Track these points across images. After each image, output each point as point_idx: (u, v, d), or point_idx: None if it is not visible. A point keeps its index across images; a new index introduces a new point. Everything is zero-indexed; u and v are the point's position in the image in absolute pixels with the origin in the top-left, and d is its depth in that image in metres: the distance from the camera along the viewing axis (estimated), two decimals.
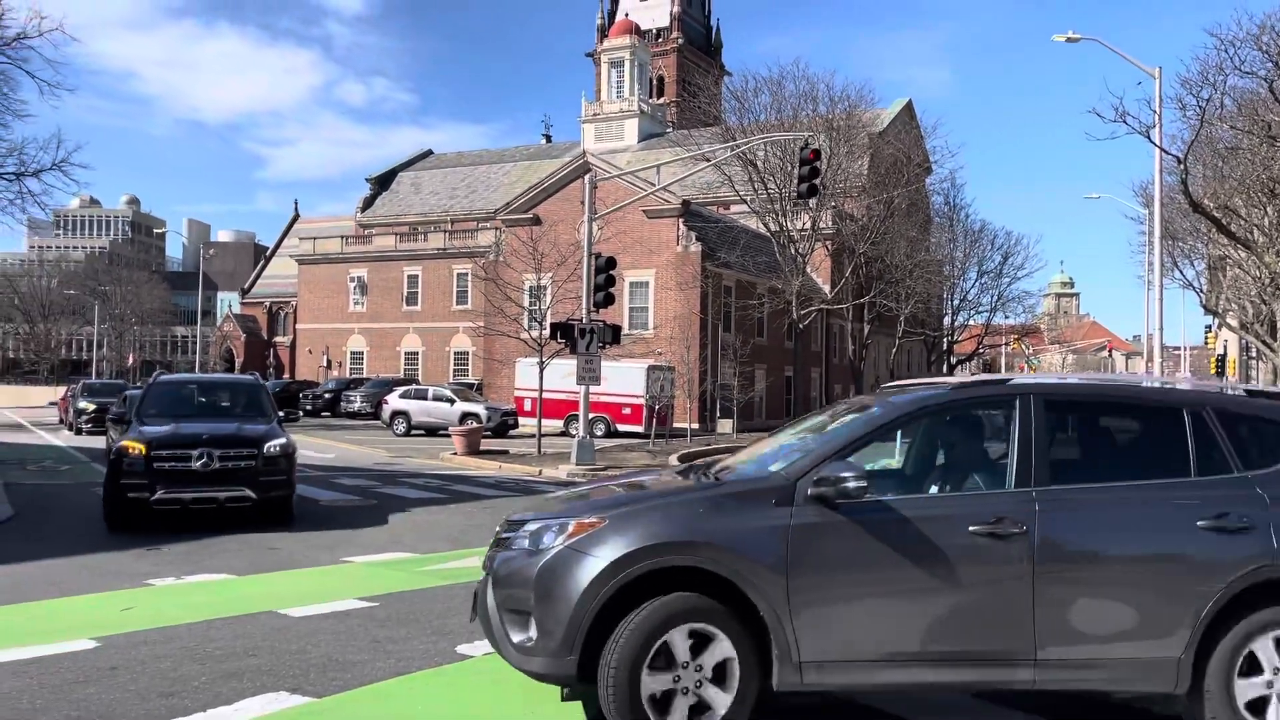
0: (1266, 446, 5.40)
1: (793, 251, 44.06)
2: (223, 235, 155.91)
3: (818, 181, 23.23)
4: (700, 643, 4.89)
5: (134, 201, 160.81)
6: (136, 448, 12.31)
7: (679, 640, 4.84)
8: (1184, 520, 5.08)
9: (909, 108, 63.02)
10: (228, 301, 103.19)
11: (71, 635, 7.22)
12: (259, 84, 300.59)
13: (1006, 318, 72.51)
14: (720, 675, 4.92)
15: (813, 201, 36.45)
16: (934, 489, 5.70)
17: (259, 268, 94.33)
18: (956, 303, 66.54)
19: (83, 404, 33.96)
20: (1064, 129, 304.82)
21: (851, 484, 4.90)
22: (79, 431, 33.14)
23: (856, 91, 46.76)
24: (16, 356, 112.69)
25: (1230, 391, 5.60)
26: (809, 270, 46.28)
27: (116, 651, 6.86)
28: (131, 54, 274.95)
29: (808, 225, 45.68)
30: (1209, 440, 5.30)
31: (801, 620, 4.87)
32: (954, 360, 73.86)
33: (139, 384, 52.73)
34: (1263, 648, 4.98)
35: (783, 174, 42.44)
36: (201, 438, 12.61)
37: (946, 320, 67.12)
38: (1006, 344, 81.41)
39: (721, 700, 4.89)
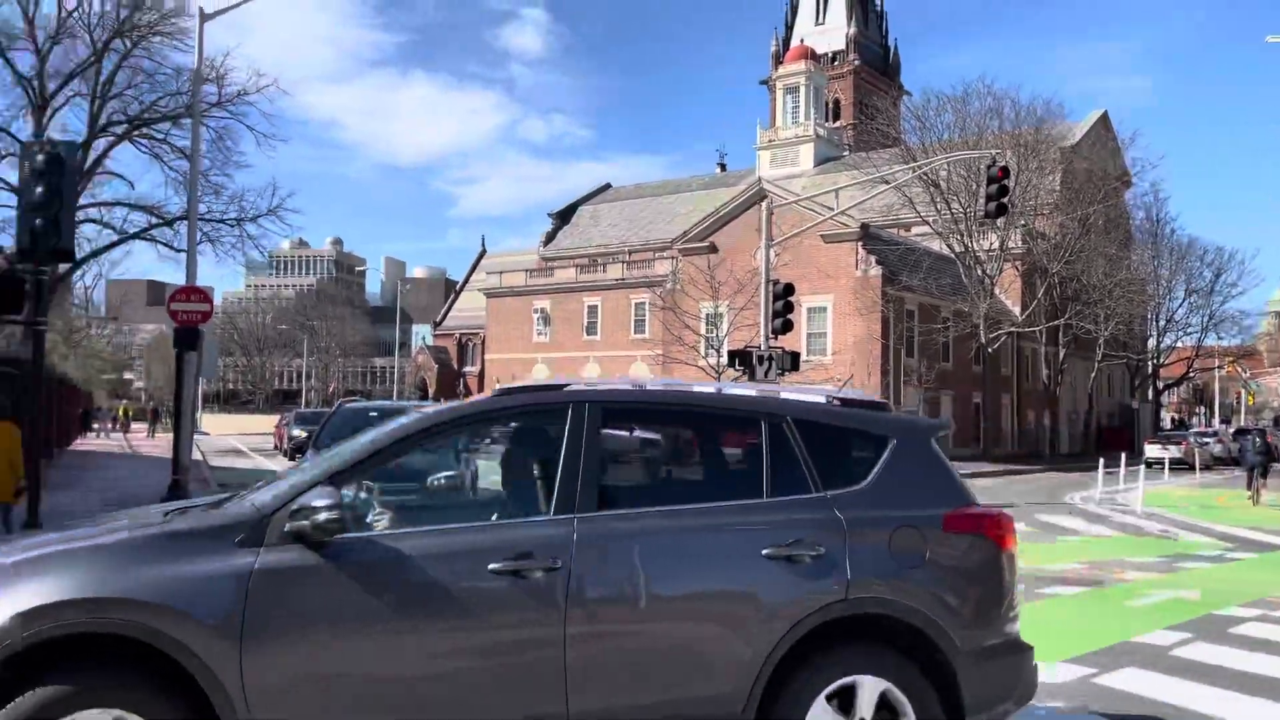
0: (854, 462, 4.57)
1: (980, 273, 42.46)
2: (417, 271, 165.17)
3: (1006, 200, 22.33)
4: None
5: (338, 242, 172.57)
6: None
7: None
8: (748, 549, 4.20)
9: (1104, 119, 59.73)
10: (421, 334, 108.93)
11: None
12: (448, 127, 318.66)
13: (1220, 339, 67.31)
14: None
15: (1001, 220, 35.06)
16: (467, 519, 4.56)
17: (449, 301, 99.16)
18: (1162, 324, 62.24)
19: (295, 431, 36.52)
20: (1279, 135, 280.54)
21: (322, 516, 3.80)
22: (292, 456, 35.64)
23: (1045, 105, 44.90)
24: (235, 387, 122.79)
25: (817, 399, 4.73)
26: (998, 292, 44.45)
27: None
28: (335, 104, 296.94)
29: (995, 245, 43.93)
30: (787, 455, 4.44)
31: (258, 699, 3.71)
32: (1160, 385, 68.98)
33: None
34: (822, 709, 4.10)
35: (967, 193, 41.08)
36: None
37: (1151, 342, 62.83)
38: (1220, 367, 75.33)
39: None
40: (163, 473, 21.82)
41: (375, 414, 15.36)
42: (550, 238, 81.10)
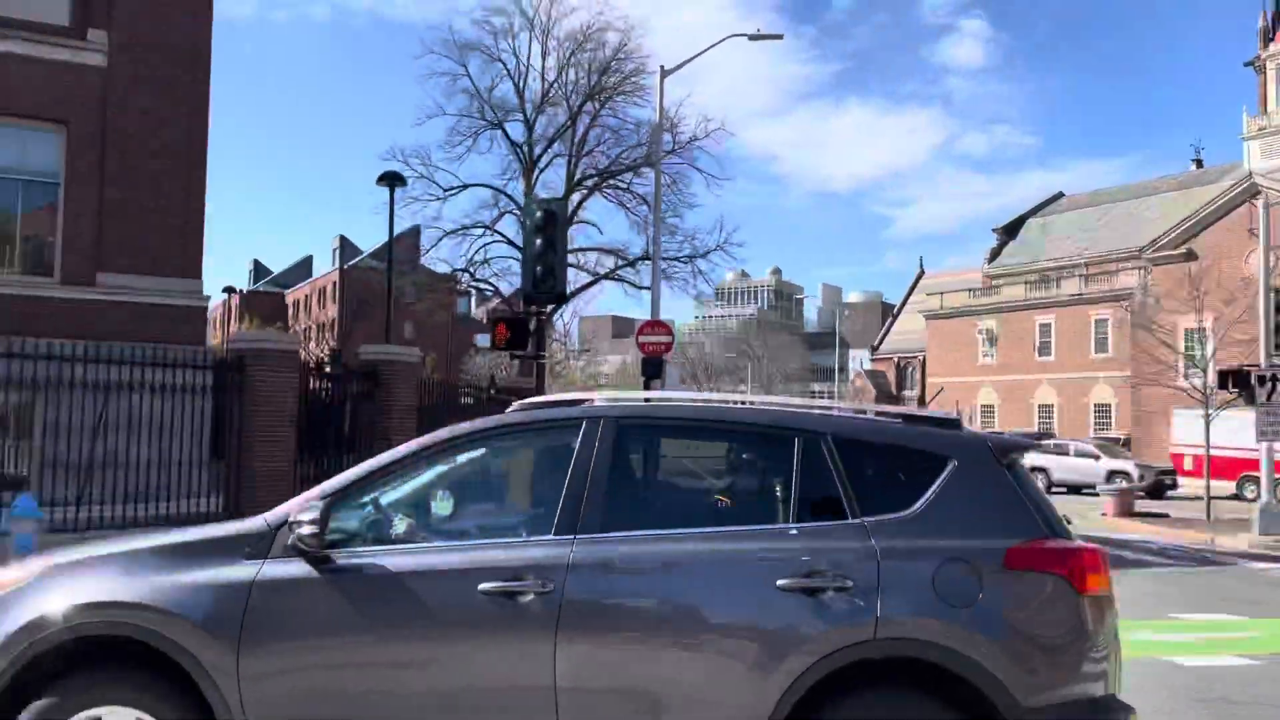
0: (903, 486, 4.04)
1: None
2: (852, 296, 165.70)
3: None
4: None
5: (776, 271, 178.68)
6: None
7: None
8: (760, 579, 3.77)
9: None
10: (859, 359, 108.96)
11: None
12: (881, 149, 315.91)
13: None
14: None
15: None
16: (471, 537, 4.33)
17: (887, 325, 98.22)
18: None
19: None
20: None
21: (305, 530, 3.88)
22: None
23: None
24: None
25: (865, 415, 4.37)
26: None
27: None
28: (770, 138, 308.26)
29: None
30: (822, 476, 4.01)
31: (253, 706, 3.84)
32: None
33: None
34: None
35: None
36: None
37: None
38: None
39: None
40: None
41: None
42: (995, 254, 77.06)
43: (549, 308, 21.93)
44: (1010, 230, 78.02)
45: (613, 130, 35.82)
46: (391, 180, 22.72)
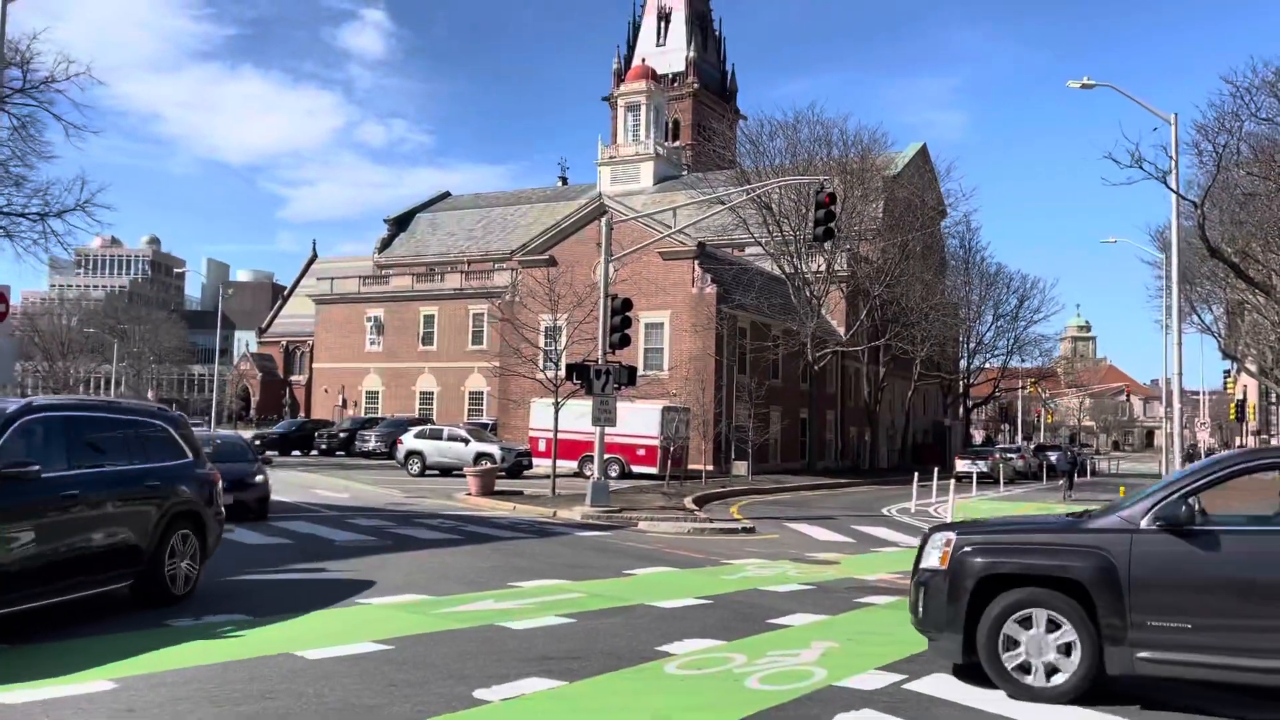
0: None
1: (808, 294, 44.17)
2: (242, 275, 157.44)
3: (833, 225, 23.32)
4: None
5: (154, 241, 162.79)
6: None
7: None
8: None
9: (923, 151, 63.40)
10: (245, 340, 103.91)
11: (89, 677, 7.19)
12: (281, 125, 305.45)
13: (1023, 361, 72.32)
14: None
15: (828, 244, 36.59)
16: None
17: (277, 307, 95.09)
18: (972, 346, 66.34)
19: None
20: (1080, 173, 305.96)
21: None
22: None
23: (870, 135, 47.15)
24: (36, 394, 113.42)
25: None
26: (824, 313, 46.32)
27: (134, 693, 6.82)
28: (156, 96, 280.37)
29: (823, 268, 45.85)
30: None
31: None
32: (970, 403, 73.47)
33: None
34: None
35: (797, 217, 42.66)
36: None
37: (963, 363, 66.91)
38: (1023, 387, 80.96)
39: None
40: None
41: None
42: (386, 245, 79.08)
43: None
44: (401, 223, 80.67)
45: None
46: None
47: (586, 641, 8.94)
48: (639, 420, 35.08)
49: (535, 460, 36.47)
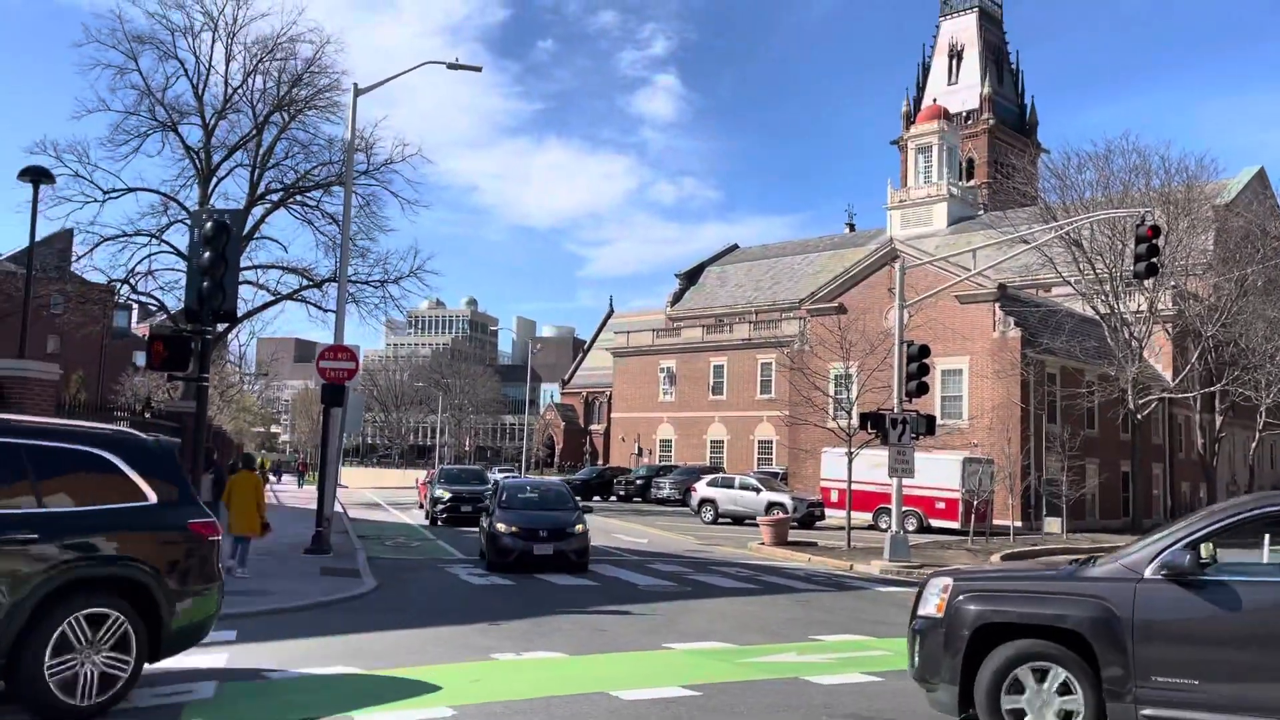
0: None
1: (1126, 335, 40.49)
2: (546, 330, 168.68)
3: (1156, 259, 21.32)
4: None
5: (472, 302, 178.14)
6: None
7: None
8: None
9: (1261, 175, 56.71)
10: (550, 392, 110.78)
11: (431, 703, 7.83)
12: (581, 190, 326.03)
13: None
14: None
15: (1150, 281, 33.46)
16: None
17: (577, 360, 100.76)
18: None
19: (439, 491, 32.67)
20: None
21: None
22: (433, 520, 32.18)
23: (1196, 161, 42.75)
24: (373, 442, 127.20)
25: None
26: (1146, 356, 42.24)
27: None
28: (472, 169, 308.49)
29: (1144, 307, 41.88)
30: None
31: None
32: None
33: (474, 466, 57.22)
34: None
35: (1112, 253, 39.44)
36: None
37: None
38: None
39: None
40: (305, 523, 22.66)
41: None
42: (677, 298, 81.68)
43: (217, 326, 20.38)
44: (691, 276, 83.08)
45: (302, 145, 34.26)
46: (36, 175, 20.19)
47: (895, 700, 8.57)
48: (938, 471, 33.55)
49: (827, 511, 35.85)
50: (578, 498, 23.31)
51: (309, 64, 33.30)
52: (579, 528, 18.46)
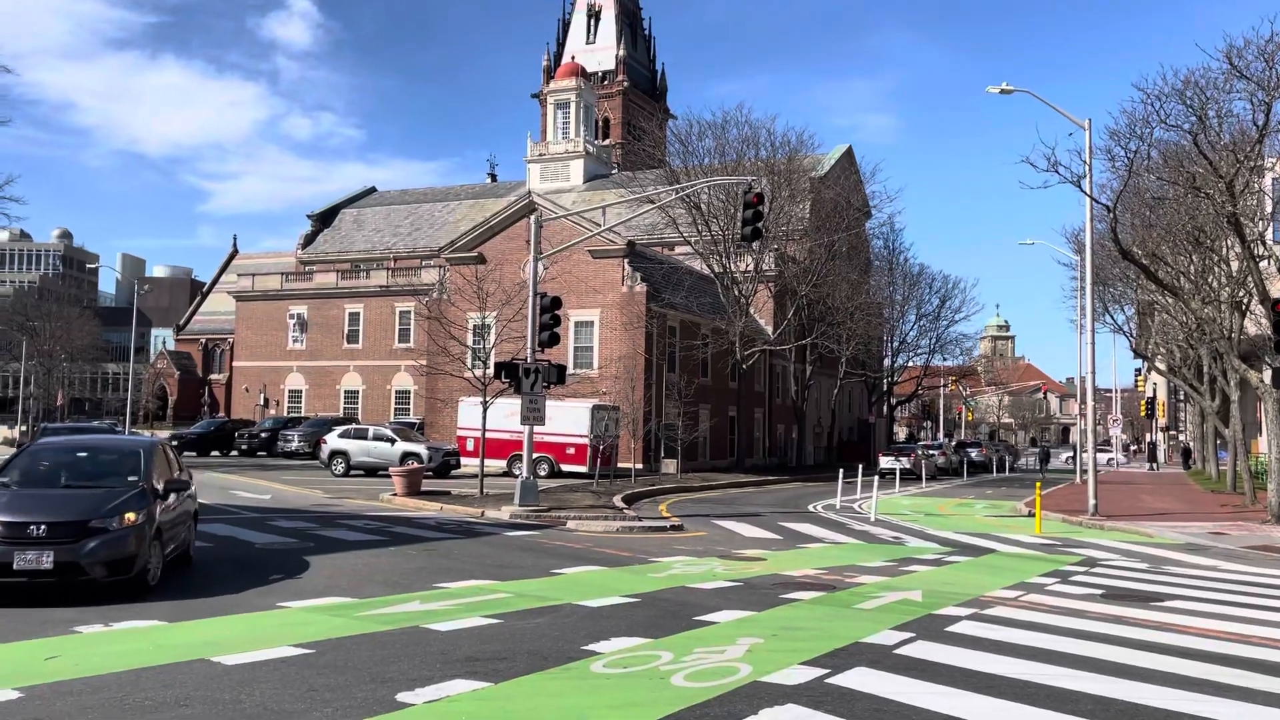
0: None
1: (736, 293, 44.51)
2: (159, 270, 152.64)
3: (761, 225, 23.55)
4: None
5: (66, 235, 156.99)
6: None
7: None
8: None
9: (849, 154, 64.39)
10: (162, 338, 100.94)
11: None
12: (203, 117, 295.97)
13: (945, 360, 73.90)
14: None
15: (756, 244, 36.92)
16: None
17: (195, 304, 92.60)
18: (896, 345, 67.59)
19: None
20: (1001, 176, 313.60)
21: None
22: None
23: (798, 137, 47.68)
24: None
25: None
26: (752, 311, 46.71)
27: (40, 703, 6.58)
28: (69, 84, 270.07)
29: (751, 267, 46.27)
30: None
31: None
32: (894, 401, 74.87)
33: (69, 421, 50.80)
34: None
35: (726, 217, 42.97)
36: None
37: (886, 362, 68.09)
38: (945, 386, 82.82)
39: None
40: None
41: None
42: (309, 240, 77.47)
43: None
44: (326, 218, 79.11)
45: None
46: None
47: (512, 642, 8.88)
48: (568, 419, 34.99)
49: (464, 460, 36.13)
50: (189, 452, 19.86)
51: None
52: (127, 518, 10.80)
